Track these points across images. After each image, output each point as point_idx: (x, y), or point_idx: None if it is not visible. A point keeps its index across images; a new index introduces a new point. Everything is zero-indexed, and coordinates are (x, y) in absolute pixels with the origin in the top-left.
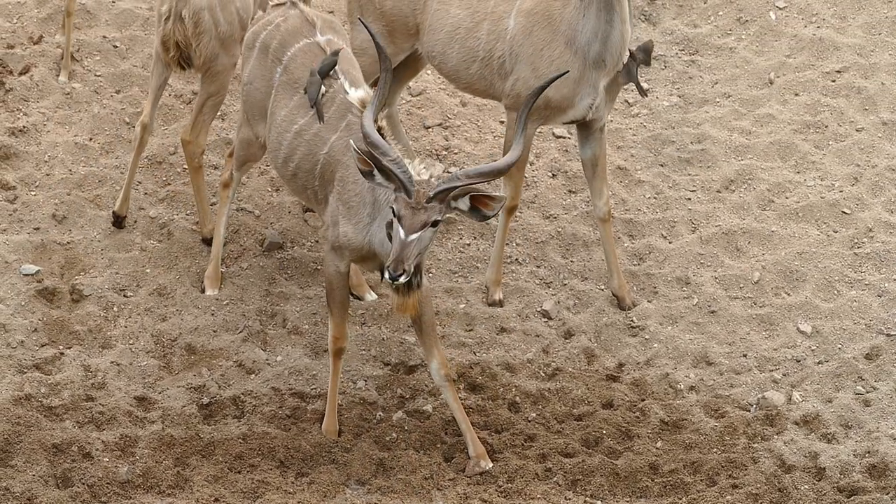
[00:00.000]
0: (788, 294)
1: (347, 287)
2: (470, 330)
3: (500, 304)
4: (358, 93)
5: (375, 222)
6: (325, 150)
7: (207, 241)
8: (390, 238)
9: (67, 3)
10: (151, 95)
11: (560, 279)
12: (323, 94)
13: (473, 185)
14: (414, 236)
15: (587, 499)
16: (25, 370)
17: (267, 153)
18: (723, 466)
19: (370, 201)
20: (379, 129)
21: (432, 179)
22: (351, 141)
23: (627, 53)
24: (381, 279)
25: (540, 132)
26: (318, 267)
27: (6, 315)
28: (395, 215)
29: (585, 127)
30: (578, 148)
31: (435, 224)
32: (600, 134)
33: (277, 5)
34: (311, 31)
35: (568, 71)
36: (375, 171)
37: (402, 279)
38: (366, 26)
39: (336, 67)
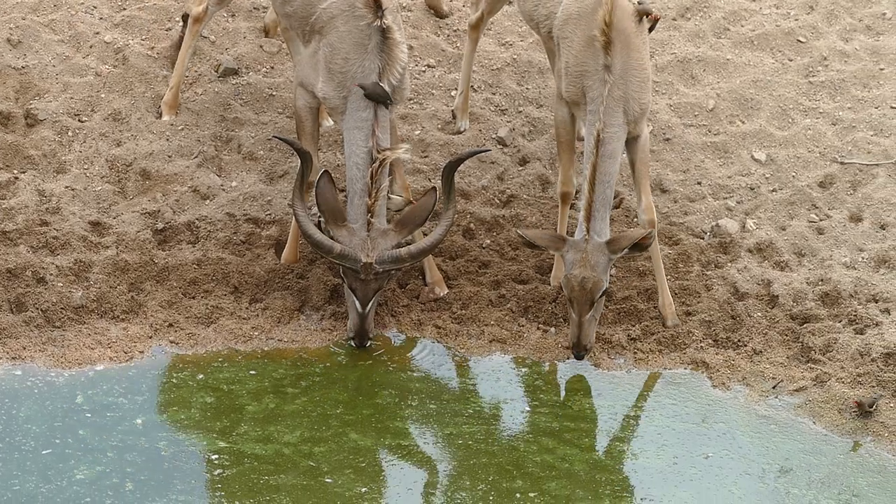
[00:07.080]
0: (743, 122)
1: (317, 120)
2: (425, 157)
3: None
4: None
5: (351, 94)
6: (325, 5)
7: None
8: (344, 280)
9: None
10: None
11: (515, 106)
12: None
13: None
14: (369, 306)
15: (540, 325)
16: None
17: None
18: (676, 294)
19: (351, 74)
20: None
21: (375, 266)
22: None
23: None
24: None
25: None
26: (274, 93)
27: None
28: (348, 287)
29: None
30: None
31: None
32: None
33: None
34: None
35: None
36: None
37: (367, 344)
38: None
39: None
